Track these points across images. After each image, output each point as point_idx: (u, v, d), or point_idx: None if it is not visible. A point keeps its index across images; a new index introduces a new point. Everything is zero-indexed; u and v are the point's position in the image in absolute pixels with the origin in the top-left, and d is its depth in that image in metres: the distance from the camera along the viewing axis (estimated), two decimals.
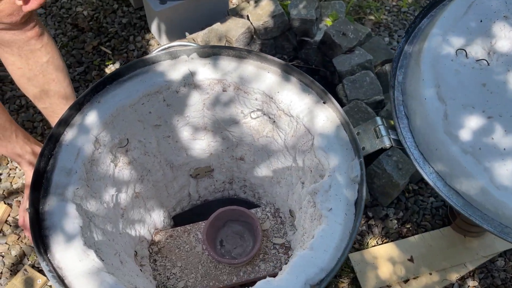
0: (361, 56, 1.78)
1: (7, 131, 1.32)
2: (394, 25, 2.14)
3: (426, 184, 1.70)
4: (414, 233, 1.61)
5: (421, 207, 1.65)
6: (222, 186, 1.27)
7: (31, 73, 1.23)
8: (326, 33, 1.84)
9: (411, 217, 1.62)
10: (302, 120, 0.87)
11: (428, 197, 1.67)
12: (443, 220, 1.60)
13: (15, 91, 1.94)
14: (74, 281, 0.71)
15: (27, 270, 1.43)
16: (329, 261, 0.72)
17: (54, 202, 0.78)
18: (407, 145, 0.82)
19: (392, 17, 2.17)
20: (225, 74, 0.93)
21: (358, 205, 0.76)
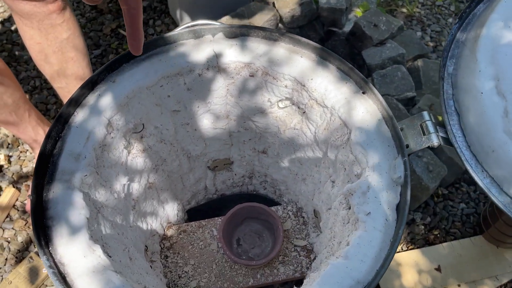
0: (393, 49, 1.68)
1: (20, 109, 1.26)
2: (427, 19, 2.03)
3: (456, 189, 1.60)
4: (442, 240, 1.51)
5: (451, 213, 1.54)
6: (241, 181, 1.19)
7: (50, 50, 1.17)
8: (356, 23, 1.73)
9: (440, 223, 1.52)
10: (338, 111, 0.78)
11: (459, 202, 1.57)
12: (474, 228, 1.50)
13: (30, 71, 1.89)
14: (77, 280, 0.63)
15: (33, 258, 1.37)
16: (366, 273, 0.62)
17: (59, 190, 0.70)
18: (458, 145, 0.72)
19: (426, 11, 2.06)
20: (253, 57, 0.84)
21: (400, 210, 0.67)
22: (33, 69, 1.89)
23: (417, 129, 0.73)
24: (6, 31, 1.99)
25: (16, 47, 1.95)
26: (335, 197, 0.83)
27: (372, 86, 0.76)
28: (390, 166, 0.71)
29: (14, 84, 1.23)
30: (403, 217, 0.65)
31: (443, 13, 2.05)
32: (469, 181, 1.60)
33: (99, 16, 1.97)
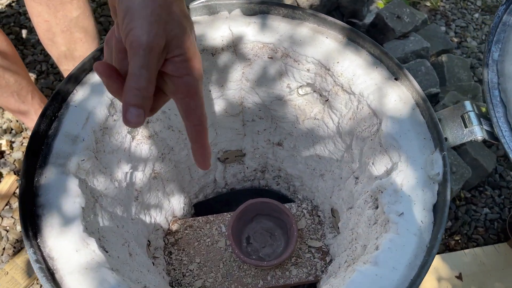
0: (417, 42, 1.59)
1: (23, 90, 1.19)
2: (452, 14, 1.93)
3: (480, 192, 1.50)
4: (464, 247, 1.42)
5: (473, 218, 1.45)
6: (252, 175, 1.11)
7: (58, 28, 1.10)
8: (378, 14, 1.64)
9: (461, 228, 1.43)
10: (367, 98, 0.69)
11: (482, 207, 1.47)
12: (498, 235, 1.41)
13: (37, 55, 1.82)
14: (67, 277, 0.55)
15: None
16: (399, 282, 0.54)
17: (52, 175, 0.62)
18: (505, 140, 0.63)
19: (451, 5, 1.96)
20: (273, 37, 0.76)
21: (438, 212, 0.58)
22: (40, 53, 1.82)
23: (458, 121, 0.65)
24: (14, 14, 1.93)
25: (24, 30, 1.88)
26: (359, 195, 0.75)
27: (407, 72, 0.68)
28: (427, 161, 0.62)
29: (17, 63, 1.17)
30: (442, 219, 0.56)
31: (469, 8, 1.95)
32: (494, 184, 1.50)
33: None
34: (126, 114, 0.44)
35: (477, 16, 1.92)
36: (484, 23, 1.90)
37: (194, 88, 0.46)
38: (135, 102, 0.43)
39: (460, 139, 0.64)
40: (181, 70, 0.45)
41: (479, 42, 1.84)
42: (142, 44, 0.42)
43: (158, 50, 0.43)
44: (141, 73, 0.43)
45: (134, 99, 0.43)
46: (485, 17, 1.92)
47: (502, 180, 1.52)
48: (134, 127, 0.44)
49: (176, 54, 0.44)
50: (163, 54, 0.44)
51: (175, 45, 0.44)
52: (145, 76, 0.43)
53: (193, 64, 0.46)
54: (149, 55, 0.42)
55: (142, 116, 0.44)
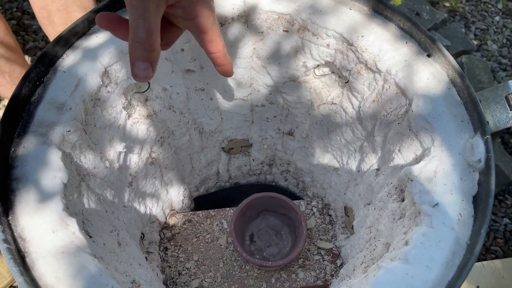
0: None
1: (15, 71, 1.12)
2: (472, 16, 1.85)
3: (500, 201, 1.41)
4: (482, 258, 1.32)
5: (492, 229, 1.36)
6: (259, 168, 1.02)
7: (53, 7, 1.03)
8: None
9: None
10: (395, 76, 0.61)
11: (502, 217, 1.38)
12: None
13: (38, 42, 1.76)
14: (39, 262, 0.46)
15: None
16: (434, 284, 0.45)
17: (32, 145, 0.54)
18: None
19: (470, 7, 1.88)
20: (290, 6, 0.68)
21: (480, 204, 0.49)
22: (41, 40, 1.76)
23: (501, 103, 0.56)
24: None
25: (26, 16, 1.82)
26: (380, 188, 0.66)
27: (441, 47, 0.59)
28: (466, 147, 0.53)
29: (10, 46, 1.10)
30: (486, 212, 0.48)
31: (489, 10, 1.87)
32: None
33: None
34: (133, 68, 0.45)
35: (497, 19, 1.84)
36: (505, 26, 1.82)
37: (206, 26, 0.48)
38: (138, 55, 0.44)
39: (504, 123, 0.55)
40: (189, 13, 0.46)
41: (499, 46, 1.76)
42: None
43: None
44: (138, 25, 0.43)
45: (137, 52, 0.44)
46: (506, 20, 1.83)
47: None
48: (143, 81, 0.45)
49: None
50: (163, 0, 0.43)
51: None
52: (143, 27, 0.42)
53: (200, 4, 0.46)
54: (143, 5, 0.42)
55: (149, 70, 0.45)
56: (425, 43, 0.62)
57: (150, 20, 0.42)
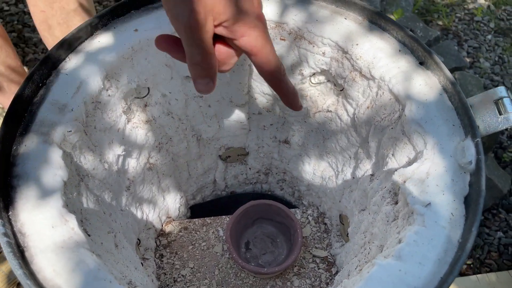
0: None
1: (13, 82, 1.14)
2: (464, 34, 1.89)
3: (494, 215, 1.42)
4: (476, 271, 1.33)
5: (487, 242, 1.36)
6: (255, 177, 1.03)
7: (54, 20, 1.05)
8: None
9: (473, 252, 1.34)
10: (389, 83, 0.63)
11: (496, 230, 1.39)
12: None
13: (38, 54, 1.78)
14: (38, 256, 0.47)
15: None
16: (426, 280, 0.46)
17: (33, 143, 0.55)
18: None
19: (463, 26, 1.92)
20: (287, 16, 0.70)
21: (471, 204, 0.51)
22: (41, 52, 1.78)
23: (491, 108, 0.58)
24: (19, 12, 1.89)
25: (26, 29, 1.85)
26: (375, 192, 0.67)
27: (435, 56, 0.61)
28: (457, 149, 0.55)
29: (7, 48, 1.13)
30: (476, 211, 0.49)
31: (481, 29, 1.91)
32: (509, 207, 1.42)
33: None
34: (196, 85, 0.48)
35: (490, 38, 1.88)
36: (497, 44, 1.86)
37: (256, 47, 0.46)
38: (198, 74, 0.47)
39: (494, 127, 0.56)
40: (234, 33, 0.46)
41: (492, 63, 1.80)
42: (181, 25, 0.43)
43: (198, 25, 0.43)
44: (191, 51, 0.45)
45: (197, 73, 0.47)
46: (498, 38, 1.88)
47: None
48: (207, 93, 0.49)
49: (222, 20, 0.44)
50: (209, 24, 0.44)
51: (218, 12, 0.43)
52: (197, 52, 0.45)
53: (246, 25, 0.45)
54: (191, 34, 0.43)
55: (210, 84, 0.48)
56: (418, 52, 0.64)
57: (202, 46, 0.44)
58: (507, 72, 1.76)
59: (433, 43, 1.68)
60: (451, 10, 1.95)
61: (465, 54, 1.82)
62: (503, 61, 1.80)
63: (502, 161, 1.50)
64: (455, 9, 1.96)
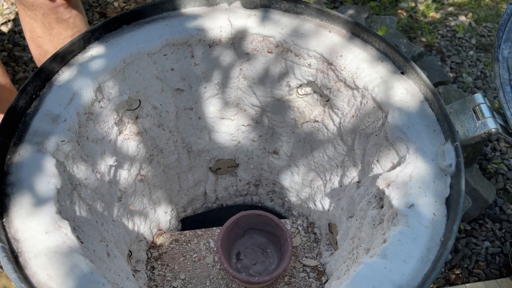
0: None
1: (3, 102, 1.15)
2: (447, 50, 1.94)
3: (480, 225, 1.44)
4: (465, 281, 1.34)
5: (474, 252, 1.38)
6: (245, 189, 1.05)
7: (51, 46, 1.07)
8: None
9: (462, 261, 1.35)
10: (372, 91, 0.65)
11: (483, 240, 1.41)
12: (500, 270, 1.34)
13: (28, 72, 1.79)
14: (32, 261, 0.48)
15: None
16: (411, 277, 0.48)
17: (27, 153, 0.56)
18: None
19: (446, 42, 1.98)
20: (274, 30, 0.73)
21: (452, 204, 0.53)
22: (32, 71, 1.80)
23: (469, 114, 0.60)
24: (9, 32, 1.91)
25: (17, 48, 1.86)
26: (361, 198, 0.69)
27: (414, 65, 0.64)
28: (438, 153, 0.57)
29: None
30: (457, 211, 0.51)
31: (463, 45, 1.97)
32: (494, 217, 1.45)
33: None
34: None
35: (472, 54, 1.94)
36: (479, 60, 1.91)
37: None
38: None
39: (472, 131, 0.59)
40: None
41: (474, 78, 1.85)
42: None
43: None
44: None
45: None
46: (479, 54, 1.93)
47: (503, 213, 1.47)
48: None
49: None
50: None
51: None
52: None
53: None
54: None
55: None
56: (399, 62, 0.67)
57: None
58: (489, 86, 1.81)
59: (417, 58, 1.73)
60: (433, 27, 2.01)
61: (449, 70, 1.87)
62: (485, 75, 1.85)
63: (487, 172, 1.53)
64: (437, 26, 2.02)
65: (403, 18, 1.94)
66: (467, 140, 0.59)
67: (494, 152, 1.59)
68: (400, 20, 1.94)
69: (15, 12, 1.98)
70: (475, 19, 2.07)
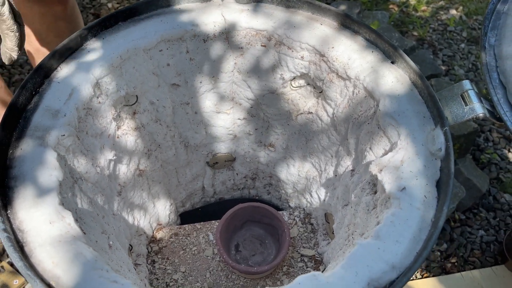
0: None
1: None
2: (439, 44, 1.97)
3: (475, 214, 1.46)
4: (460, 269, 1.36)
5: (469, 240, 1.41)
6: (242, 182, 1.06)
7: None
8: None
9: (457, 250, 1.38)
10: (363, 81, 0.67)
11: (478, 229, 1.43)
12: (495, 257, 1.36)
13: (24, 75, 1.81)
14: (37, 250, 0.49)
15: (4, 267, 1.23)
16: (403, 256, 0.49)
17: (29, 147, 0.58)
18: (508, 118, 0.61)
19: (437, 36, 2.00)
20: (267, 23, 0.74)
21: (442, 186, 0.55)
22: (27, 73, 1.80)
23: (458, 100, 0.62)
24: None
25: None
26: (356, 186, 0.71)
27: (403, 53, 0.66)
28: (428, 138, 0.59)
29: None
30: (447, 192, 0.53)
31: (455, 38, 1.99)
32: (488, 206, 1.47)
33: None
34: None
35: (463, 46, 1.96)
36: (470, 52, 1.94)
37: None
38: None
39: (461, 117, 0.61)
40: None
41: (466, 70, 1.87)
42: None
43: None
44: None
45: None
46: (471, 47, 1.96)
47: (496, 202, 1.49)
48: None
49: None
50: None
51: None
52: None
53: None
54: None
55: None
56: (389, 52, 0.69)
57: None
58: (481, 78, 1.83)
59: (409, 52, 1.75)
60: (425, 22, 2.03)
61: (440, 63, 1.90)
62: (476, 67, 1.88)
63: (480, 162, 1.56)
64: (429, 21, 2.04)
65: (394, 13, 1.97)
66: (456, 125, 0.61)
67: (487, 143, 1.61)
68: (391, 15, 1.96)
69: None
70: (465, 12, 2.10)
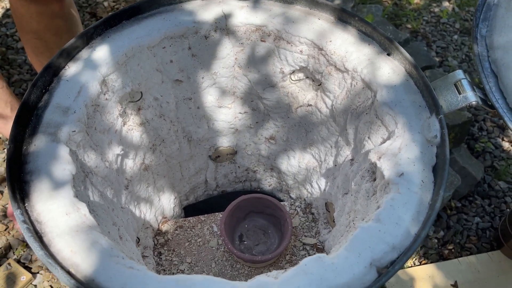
0: None
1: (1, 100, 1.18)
2: (432, 36, 2.00)
3: (470, 202, 1.50)
4: (457, 255, 1.40)
5: (465, 227, 1.44)
6: (244, 175, 1.09)
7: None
8: None
9: (454, 237, 1.41)
10: (361, 73, 0.70)
11: (473, 216, 1.47)
12: (491, 243, 1.40)
13: (23, 74, 1.82)
14: (55, 240, 0.52)
15: (11, 264, 1.25)
16: (403, 237, 0.52)
17: (42, 143, 0.60)
18: (499, 105, 0.64)
19: (431, 28, 2.03)
20: (266, 19, 0.77)
21: (438, 171, 0.58)
22: (26, 73, 1.82)
23: (451, 89, 0.65)
24: (1, 35, 1.93)
25: (10, 51, 1.88)
26: (355, 174, 0.74)
27: (398, 45, 0.69)
28: (424, 126, 0.62)
29: None
30: (443, 177, 0.56)
31: (448, 30, 2.02)
32: (483, 194, 1.50)
33: None
34: None
35: (456, 38, 1.99)
36: (463, 44, 1.97)
37: None
38: None
39: (455, 105, 0.64)
40: None
41: (459, 61, 1.90)
42: None
43: None
44: None
45: None
46: (464, 38, 1.99)
47: (491, 189, 1.53)
48: None
49: None
50: None
51: None
52: None
53: None
54: None
55: None
56: (385, 44, 0.71)
57: None
58: (474, 68, 1.86)
59: (403, 44, 1.78)
60: (418, 14, 2.06)
61: (434, 54, 1.93)
62: (469, 58, 1.91)
63: (475, 151, 1.59)
64: (422, 13, 2.07)
65: (388, 6, 1.99)
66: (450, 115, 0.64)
67: (481, 132, 1.65)
68: (385, 8, 1.98)
69: (6, 15, 1.99)
70: (458, 4, 2.13)
